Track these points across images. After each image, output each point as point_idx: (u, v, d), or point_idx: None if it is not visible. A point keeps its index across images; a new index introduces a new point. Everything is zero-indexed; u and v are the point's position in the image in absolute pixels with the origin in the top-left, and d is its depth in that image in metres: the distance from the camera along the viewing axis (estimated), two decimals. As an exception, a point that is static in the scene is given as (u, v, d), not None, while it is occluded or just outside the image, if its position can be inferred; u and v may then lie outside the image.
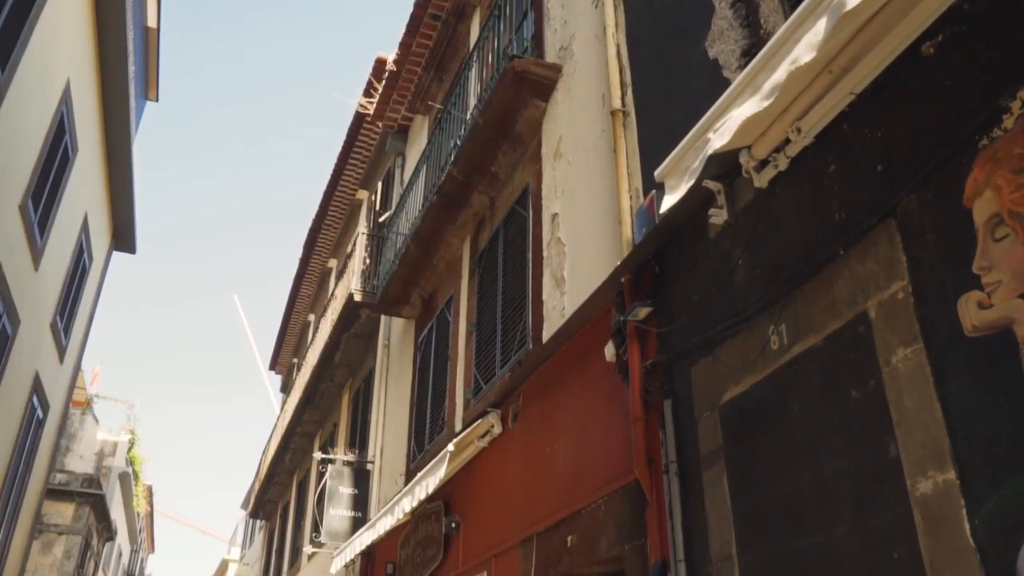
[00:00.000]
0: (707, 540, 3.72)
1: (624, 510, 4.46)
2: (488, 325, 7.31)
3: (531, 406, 6.01)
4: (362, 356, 12.55)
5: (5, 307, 9.90)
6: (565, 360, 5.58)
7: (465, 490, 7.03)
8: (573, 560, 4.90)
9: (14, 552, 12.49)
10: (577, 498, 4.97)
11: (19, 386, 11.19)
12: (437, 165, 9.02)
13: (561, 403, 5.51)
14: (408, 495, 6.83)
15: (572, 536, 4.95)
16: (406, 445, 9.23)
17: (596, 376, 5.09)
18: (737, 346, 3.77)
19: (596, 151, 5.78)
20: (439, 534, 7.35)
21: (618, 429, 4.70)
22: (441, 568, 7.20)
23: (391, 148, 12.66)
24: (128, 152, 14.49)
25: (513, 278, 6.96)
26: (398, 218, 10.47)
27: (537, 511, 5.52)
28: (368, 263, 11.82)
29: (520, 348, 6.43)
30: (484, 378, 7.11)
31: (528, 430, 5.98)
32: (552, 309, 5.98)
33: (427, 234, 8.70)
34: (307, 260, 17.60)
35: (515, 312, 6.74)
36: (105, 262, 15.76)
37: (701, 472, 3.86)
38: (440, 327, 8.83)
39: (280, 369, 22.51)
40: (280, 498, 18.96)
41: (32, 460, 12.52)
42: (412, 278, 9.39)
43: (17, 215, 9.73)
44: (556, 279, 6.02)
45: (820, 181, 3.45)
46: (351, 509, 9.99)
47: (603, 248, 5.36)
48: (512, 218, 7.31)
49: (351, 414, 12.84)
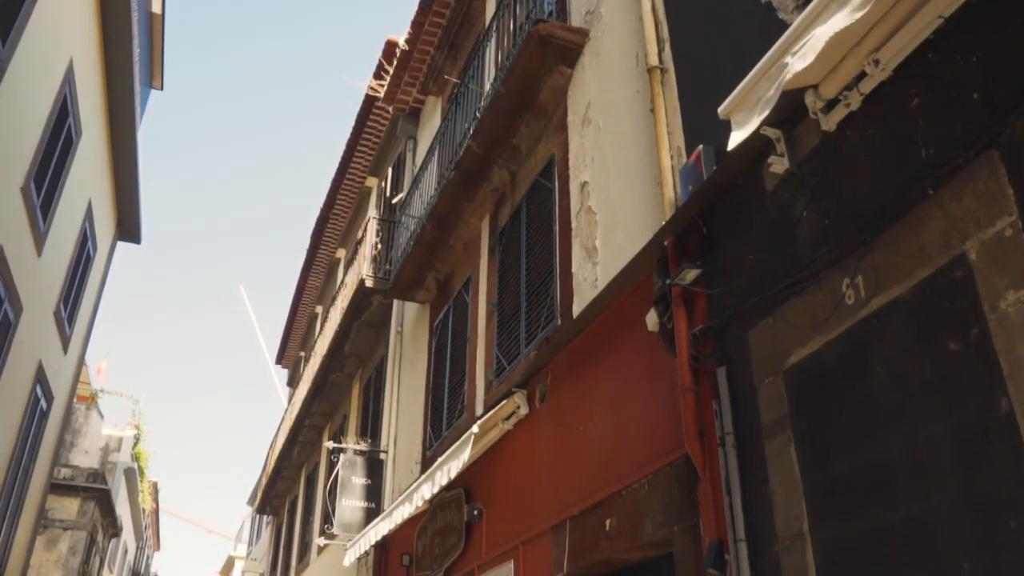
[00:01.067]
0: (772, 516, 3.39)
1: (672, 489, 4.12)
2: (510, 304, 6.98)
3: (561, 384, 5.68)
4: (373, 345, 12.22)
5: (7, 293, 9.60)
6: (599, 333, 5.25)
7: (488, 476, 6.71)
8: (613, 545, 4.57)
9: (17, 547, 12.19)
10: (616, 478, 4.64)
11: (22, 375, 10.88)
12: (453, 143, 8.69)
13: (595, 379, 5.18)
14: (428, 481, 6.51)
15: (611, 519, 4.62)
16: (422, 433, 8.90)
17: (635, 348, 4.76)
18: (804, 304, 3.44)
19: (630, 113, 5.45)
20: (460, 523, 7.03)
21: (662, 402, 4.37)
22: (462, 558, 6.87)
23: (402, 131, 12.33)
24: (133, 139, 14.19)
25: (538, 253, 6.62)
26: (411, 200, 10.15)
27: (569, 494, 5.19)
28: (379, 248, 11.49)
29: (547, 325, 6.10)
30: (507, 358, 6.79)
31: (558, 409, 5.65)
32: (583, 281, 5.65)
33: (444, 213, 8.37)
34: (315, 250, 17.28)
35: (541, 288, 6.41)
36: (110, 252, 15.47)
37: (763, 443, 3.53)
38: (457, 309, 8.50)
39: (287, 363, 22.20)
40: (288, 493, 18.65)
41: (36, 452, 12.22)
42: (427, 260, 9.06)
43: (19, 197, 9.42)
44: (587, 250, 5.69)
45: (901, 117, 3.11)
46: (364, 500, 9.67)
47: (640, 213, 5.04)
48: (536, 192, 6.97)
49: (362, 405, 12.53)
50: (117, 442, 21.90)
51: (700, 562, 3.77)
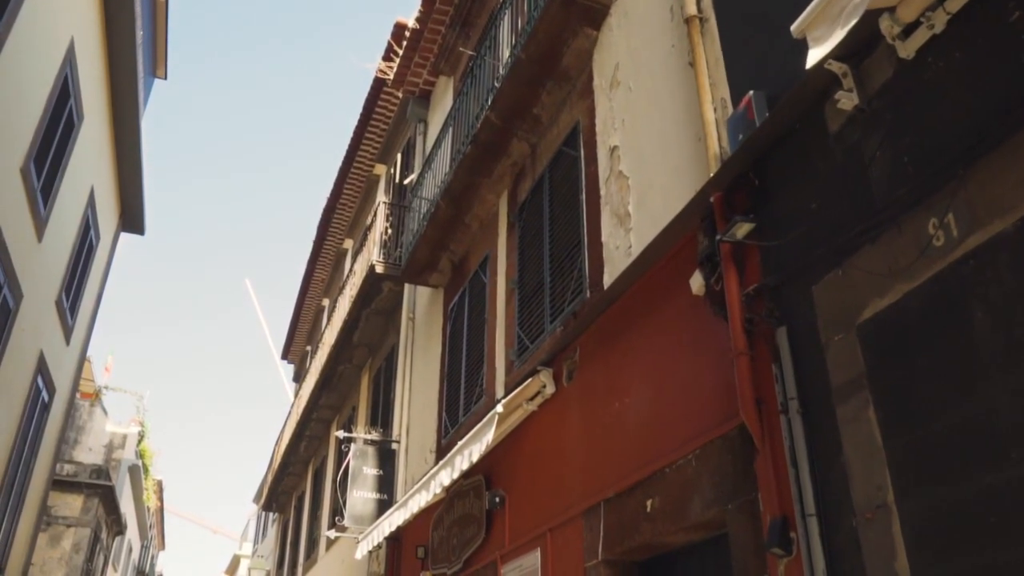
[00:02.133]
0: (847, 487, 3.03)
1: (723, 463, 3.77)
2: (532, 280, 6.63)
3: (591, 360, 5.33)
4: (383, 334, 11.88)
5: (7, 278, 9.28)
6: (635, 303, 4.90)
7: (510, 461, 6.36)
8: (655, 527, 4.22)
9: (19, 543, 11.86)
10: (658, 456, 4.28)
11: (22, 365, 10.56)
12: (468, 118, 8.34)
13: (632, 351, 4.82)
14: (447, 468, 6.16)
15: (652, 500, 4.27)
16: (436, 421, 8.56)
17: (677, 315, 4.41)
18: (880, 251, 3.08)
19: (665, 69, 5.10)
20: (480, 511, 6.68)
21: (710, 371, 4.02)
22: (483, 548, 6.52)
23: (412, 114, 11.99)
24: (136, 127, 13.87)
25: (563, 225, 6.27)
26: (423, 181, 9.80)
27: (603, 476, 4.84)
28: (389, 234, 11.15)
29: (575, 298, 5.75)
30: (530, 337, 6.44)
31: (588, 386, 5.30)
32: (615, 250, 5.30)
33: (460, 190, 8.02)
34: (321, 241, 16.94)
35: (566, 261, 6.06)
36: (113, 242, 15.16)
37: (834, 407, 3.17)
38: (474, 291, 8.16)
39: (293, 358, 21.87)
40: (295, 489, 18.31)
41: (37, 445, 11.89)
42: (442, 241, 8.71)
43: (18, 178, 9.10)
44: (619, 217, 5.34)
45: (998, 35, 2.76)
46: (376, 491, 9.32)
47: (679, 172, 4.69)
48: (559, 162, 6.62)
49: (371, 396, 12.18)
50: (121, 439, 21.60)
51: (759, 541, 3.42)
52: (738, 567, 3.54)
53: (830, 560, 3.03)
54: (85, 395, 22.12)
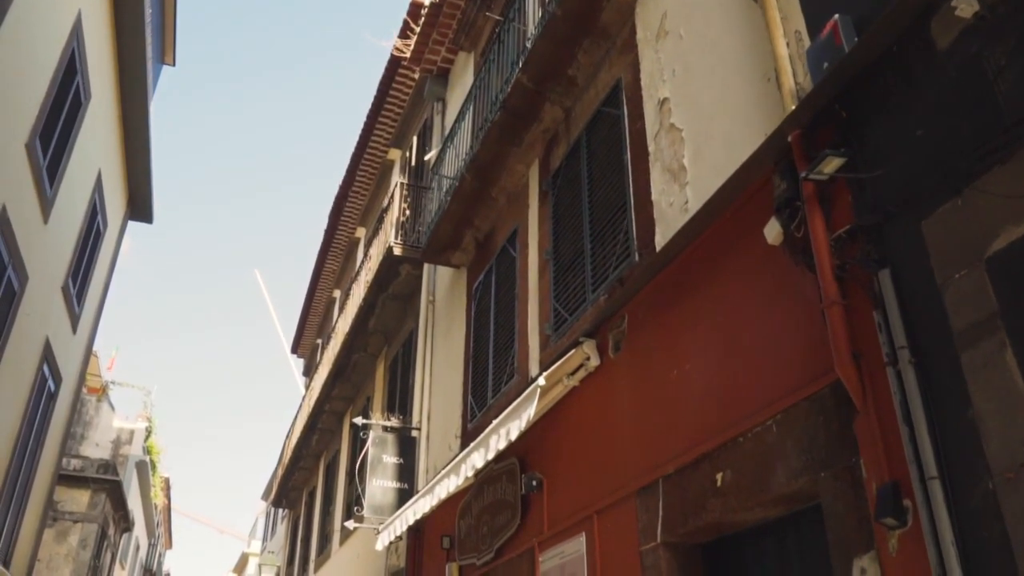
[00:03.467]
0: (979, 444, 2.61)
1: (813, 427, 3.35)
2: (570, 250, 6.22)
3: (642, 327, 4.92)
4: (400, 320, 11.48)
5: (11, 259, 8.90)
6: (694, 262, 4.48)
7: (547, 441, 5.94)
8: (727, 503, 3.80)
9: (24, 537, 11.48)
10: (728, 425, 3.87)
11: (28, 351, 10.19)
12: (493, 89, 7.94)
13: (692, 314, 4.41)
14: (479, 448, 5.74)
15: (723, 473, 3.85)
16: (461, 406, 8.15)
17: (748, 269, 4.00)
18: (1013, 171, 2.67)
19: (723, 11, 4.69)
20: (514, 496, 6.27)
21: (791, 328, 3.61)
22: (518, 536, 6.11)
23: (430, 94, 11.60)
24: (145, 112, 13.49)
25: (604, 189, 5.86)
26: (444, 158, 9.40)
27: (661, 451, 4.42)
28: (407, 215, 10.76)
29: (621, 264, 5.34)
30: (568, 309, 6.02)
31: (639, 356, 4.89)
32: (668, 208, 4.88)
33: (486, 161, 7.61)
34: (333, 229, 16.56)
35: (609, 226, 5.65)
36: (120, 230, 14.79)
37: (957, 354, 2.75)
38: (502, 267, 7.75)
39: (303, 352, 21.49)
40: (306, 483, 17.92)
41: (43, 436, 11.51)
42: (466, 216, 8.31)
43: (23, 154, 8.73)
44: (671, 172, 4.92)
45: None
46: (396, 480, 8.92)
47: (744, 117, 4.28)
48: (598, 123, 6.22)
49: (387, 384, 11.78)
50: (128, 434, 21.26)
51: (863, 512, 3.00)
52: (836, 542, 3.12)
53: (960, 529, 2.61)
54: (92, 390, 21.78)
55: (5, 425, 9.79)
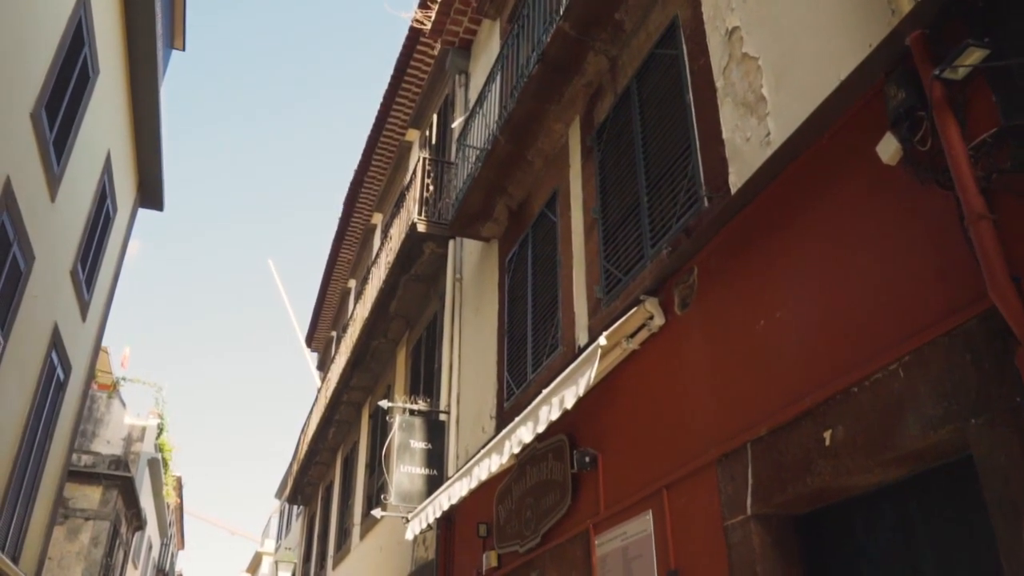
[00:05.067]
0: None
1: (955, 367, 2.83)
2: (622, 205, 5.70)
3: (717, 278, 4.40)
4: (422, 302, 10.97)
5: (17, 236, 8.44)
6: (780, 199, 3.97)
7: (602, 414, 5.43)
8: (838, 464, 3.28)
9: (34, 532, 11.03)
10: (837, 374, 3.35)
11: (36, 335, 9.73)
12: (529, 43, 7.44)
13: (781, 256, 3.89)
14: (527, 422, 5.22)
15: (832, 430, 3.33)
16: (495, 385, 7.64)
17: (854, 196, 3.48)
18: None
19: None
20: (563, 476, 5.75)
21: (916, 255, 3.09)
22: (569, 518, 5.59)
23: (452, 66, 11.10)
24: (155, 95, 13.05)
25: (661, 136, 5.35)
26: (471, 126, 8.90)
27: (746, 412, 3.91)
28: (431, 190, 10.26)
29: (686, 213, 4.82)
30: (622, 269, 5.51)
31: (714, 310, 4.37)
32: (744, 144, 4.37)
33: (522, 120, 7.10)
34: (348, 217, 16.08)
35: (669, 174, 5.14)
36: (131, 217, 14.35)
37: None
38: (539, 234, 7.24)
39: (316, 345, 21.01)
40: (322, 479, 17.44)
41: (52, 427, 11.06)
42: (498, 183, 7.80)
43: (28, 123, 8.27)
44: (747, 106, 4.40)
45: None
46: (425, 466, 8.41)
47: (840, 29, 3.75)
48: (651, 67, 5.70)
49: (410, 370, 11.28)
50: (140, 431, 20.81)
51: (1036, 463, 2.48)
52: (998, 501, 2.59)
53: None
54: (102, 387, 21.34)
55: (13, 413, 9.33)
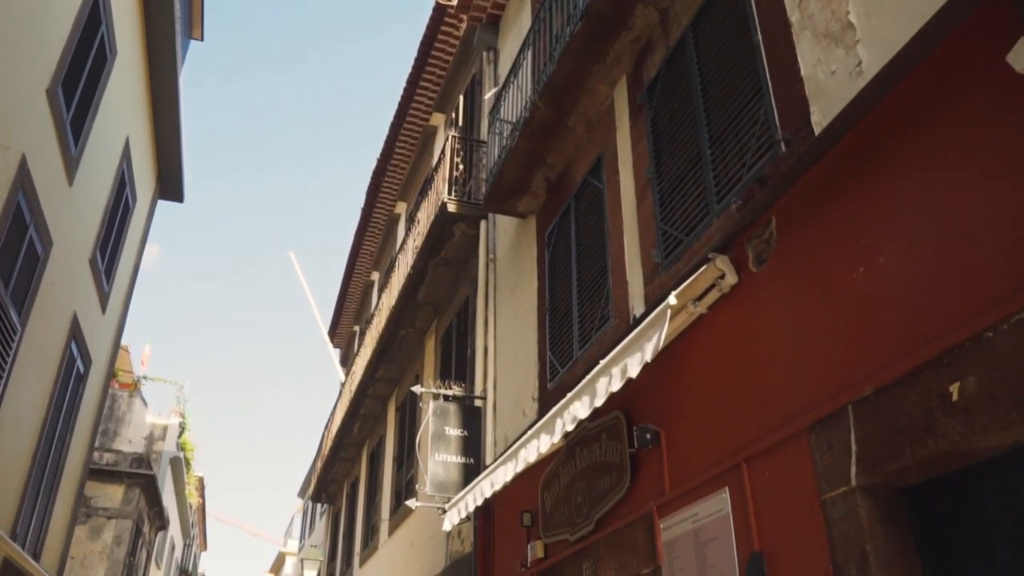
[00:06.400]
0: None
1: None
2: (680, 161, 5.27)
3: (800, 228, 3.96)
4: (451, 288, 10.58)
5: (34, 218, 8.11)
6: (877, 133, 3.52)
7: (663, 386, 4.99)
8: (970, 421, 2.83)
9: (55, 529, 10.72)
10: (965, 318, 2.90)
11: (54, 324, 9.42)
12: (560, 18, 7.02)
13: (884, 194, 3.44)
14: (583, 395, 4.79)
15: (961, 383, 2.88)
16: (536, 366, 7.22)
17: (978, 116, 3.02)
18: None
19: None
20: (619, 455, 5.31)
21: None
22: (627, 501, 5.15)
23: (480, 42, 10.70)
24: (174, 83, 12.74)
25: (724, 82, 4.91)
26: (501, 104, 8.49)
27: (846, 370, 3.46)
28: (461, 170, 9.86)
29: (759, 160, 4.38)
30: (683, 229, 5.07)
31: (798, 262, 3.92)
32: (828, 78, 3.92)
33: (564, 84, 6.68)
34: (371, 207, 15.72)
35: (736, 121, 4.70)
36: (150, 208, 14.06)
37: None
38: (583, 203, 6.81)
39: (339, 341, 20.67)
40: (347, 476, 17.08)
41: (72, 420, 10.75)
42: (537, 154, 7.38)
43: (43, 100, 7.95)
44: (831, 36, 3.96)
45: None
46: (460, 454, 8.00)
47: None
48: (709, 13, 5.26)
49: (440, 359, 10.87)
50: (162, 430, 20.57)
51: None
52: None
53: None
54: (124, 386, 21.13)
55: (32, 403, 9.01)
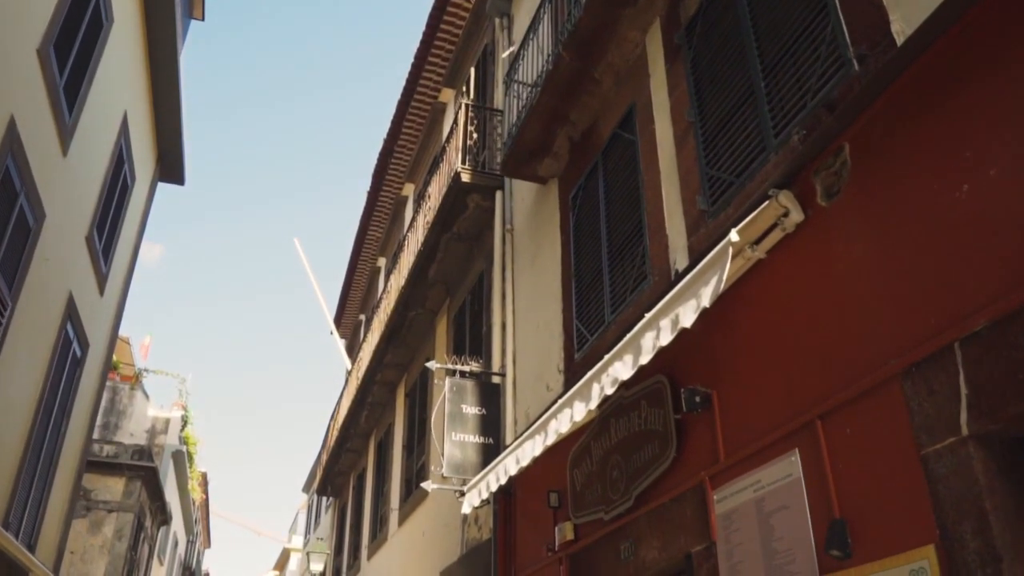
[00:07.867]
0: None
1: None
2: (729, 97, 4.77)
3: (880, 153, 3.47)
4: (464, 265, 10.10)
5: (24, 186, 7.64)
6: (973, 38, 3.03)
7: (712, 345, 4.50)
8: None
9: (51, 519, 10.25)
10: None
11: (48, 303, 8.95)
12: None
13: (989, 102, 2.95)
14: (624, 355, 4.31)
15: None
16: (562, 336, 6.74)
17: None
18: None
19: None
20: (663, 423, 4.83)
21: None
22: (673, 472, 4.67)
23: (493, 8, 10.22)
24: (174, 58, 12.27)
25: (781, 5, 4.42)
26: (519, 66, 8.00)
27: (949, 306, 2.97)
28: (475, 138, 9.38)
29: (825, 85, 3.90)
30: (733, 171, 4.59)
31: (880, 191, 3.44)
32: (914, -21, 3.44)
33: (590, 30, 6.19)
34: (377, 190, 15.25)
35: (797, 44, 4.21)
36: (150, 190, 13.59)
37: None
38: (612, 160, 6.33)
39: (344, 331, 20.19)
40: (353, 468, 16.60)
41: (69, 405, 10.28)
42: (560, 110, 6.90)
43: (34, 59, 7.48)
44: (916, -69, 3.48)
45: None
46: (479, 434, 7.53)
47: None
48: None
49: (452, 339, 10.40)
50: (164, 423, 20.13)
51: None
52: None
53: None
54: (125, 378, 20.70)
55: (24, 386, 8.55)
